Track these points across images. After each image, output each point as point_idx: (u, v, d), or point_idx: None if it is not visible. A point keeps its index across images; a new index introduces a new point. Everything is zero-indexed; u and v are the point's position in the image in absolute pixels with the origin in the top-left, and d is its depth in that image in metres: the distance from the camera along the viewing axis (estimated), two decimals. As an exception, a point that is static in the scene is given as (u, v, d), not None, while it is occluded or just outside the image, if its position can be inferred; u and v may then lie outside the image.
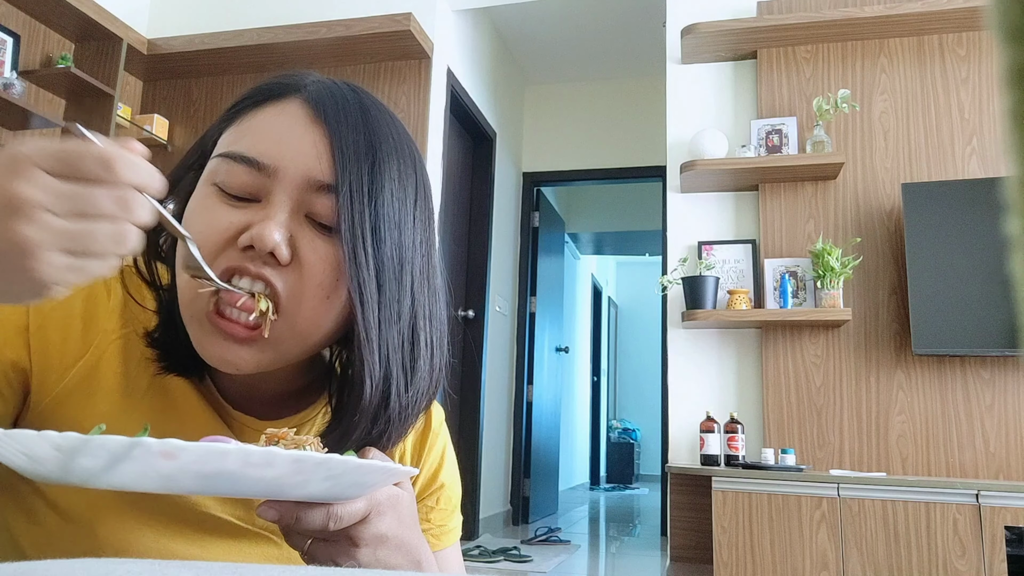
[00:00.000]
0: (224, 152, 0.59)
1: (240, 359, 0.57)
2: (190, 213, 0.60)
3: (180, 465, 0.43)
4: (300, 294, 0.57)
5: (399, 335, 0.60)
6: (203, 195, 0.59)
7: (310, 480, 0.47)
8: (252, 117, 0.60)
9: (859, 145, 3.05)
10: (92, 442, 0.41)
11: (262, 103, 0.61)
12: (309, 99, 0.60)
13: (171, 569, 0.32)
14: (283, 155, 0.57)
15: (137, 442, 0.41)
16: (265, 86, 0.63)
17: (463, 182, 4.34)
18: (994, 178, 2.83)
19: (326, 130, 0.58)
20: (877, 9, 2.97)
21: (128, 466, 0.43)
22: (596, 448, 8.81)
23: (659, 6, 3.85)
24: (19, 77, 3.11)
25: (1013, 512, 2.30)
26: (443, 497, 0.76)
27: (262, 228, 0.55)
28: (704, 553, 2.77)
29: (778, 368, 2.97)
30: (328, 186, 0.57)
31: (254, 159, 0.57)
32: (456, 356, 4.21)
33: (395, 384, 0.60)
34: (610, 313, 9.69)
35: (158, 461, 0.42)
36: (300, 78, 0.63)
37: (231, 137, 0.60)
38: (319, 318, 0.58)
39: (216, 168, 0.59)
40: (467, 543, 3.85)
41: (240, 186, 0.58)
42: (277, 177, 0.57)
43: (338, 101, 0.60)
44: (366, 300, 0.57)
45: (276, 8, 3.68)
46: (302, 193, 0.57)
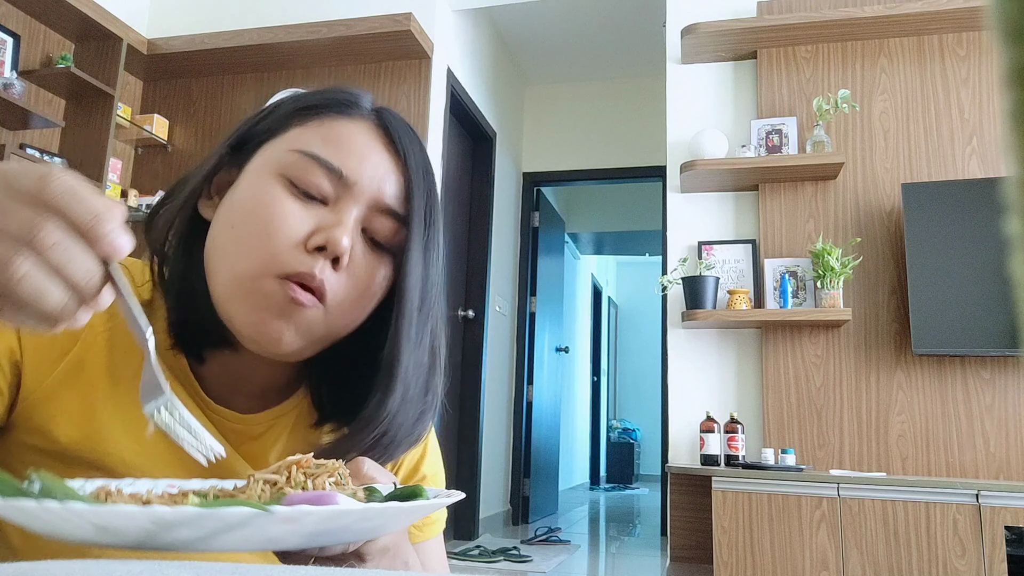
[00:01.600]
0: (308, 152, 0.62)
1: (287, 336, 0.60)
2: (253, 200, 0.61)
3: (296, 528, 0.41)
4: (346, 299, 0.62)
5: (424, 353, 0.65)
6: (268, 184, 0.61)
7: (400, 523, 0.48)
8: (332, 126, 0.64)
9: (859, 145, 3.05)
10: (209, 516, 0.37)
11: (336, 114, 0.65)
12: (383, 125, 0.65)
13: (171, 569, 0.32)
14: (363, 173, 0.62)
15: (265, 513, 0.38)
16: (338, 96, 0.66)
17: (463, 182, 4.34)
18: (994, 178, 2.83)
19: (401, 160, 0.64)
20: (877, 9, 2.97)
21: (237, 534, 0.39)
22: (596, 448, 8.82)
23: (659, 6, 3.85)
24: (19, 77, 3.11)
25: (1013, 512, 2.30)
26: None
27: (338, 233, 0.59)
28: (704, 553, 2.77)
29: (778, 368, 2.97)
30: (391, 210, 0.63)
31: (338, 168, 0.61)
32: (456, 356, 4.22)
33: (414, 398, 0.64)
34: (610, 313, 9.69)
35: (275, 527, 0.40)
36: (365, 97, 0.67)
37: (309, 138, 0.63)
38: (352, 322, 0.64)
39: (292, 162, 0.62)
40: (467, 543, 3.85)
41: (315, 187, 0.61)
42: (353, 191, 0.62)
43: (409, 135, 0.66)
44: (412, 320, 0.63)
45: (276, 8, 3.68)
46: (368, 210, 0.62)
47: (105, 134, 3.30)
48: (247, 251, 0.59)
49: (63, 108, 3.40)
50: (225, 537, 0.40)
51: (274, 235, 0.59)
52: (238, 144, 0.66)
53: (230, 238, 0.61)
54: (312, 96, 0.66)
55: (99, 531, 0.39)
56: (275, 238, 0.59)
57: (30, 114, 3.03)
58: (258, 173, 0.62)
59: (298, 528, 0.41)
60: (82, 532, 0.39)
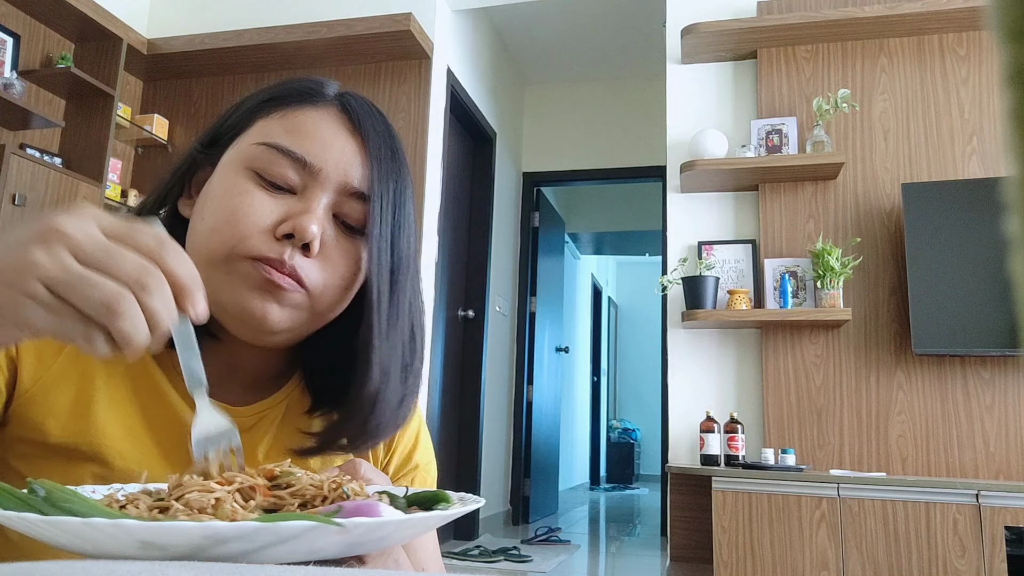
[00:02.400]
0: (271, 143, 0.63)
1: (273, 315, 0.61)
2: (222, 191, 0.63)
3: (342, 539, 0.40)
4: (324, 284, 0.63)
5: (401, 334, 0.66)
6: (237, 177, 0.63)
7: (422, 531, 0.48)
8: (294, 116, 0.65)
9: (859, 145, 3.05)
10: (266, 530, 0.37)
11: (299, 103, 0.66)
12: (347, 110, 0.66)
13: (171, 569, 0.32)
14: (328, 159, 0.63)
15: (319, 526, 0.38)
16: (299, 86, 0.67)
17: (463, 182, 4.34)
18: (994, 178, 2.83)
19: (364, 142, 0.65)
20: (877, 9, 2.97)
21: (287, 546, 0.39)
22: (596, 448, 8.81)
23: (659, 6, 3.85)
24: (19, 77, 3.11)
25: (1013, 512, 2.30)
26: (418, 478, 0.77)
27: (305, 220, 0.60)
28: (704, 553, 2.77)
29: (778, 368, 2.97)
30: (360, 193, 0.64)
31: (302, 157, 0.63)
32: (456, 356, 4.21)
33: (394, 379, 0.65)
34: (610, 313, 9.69)
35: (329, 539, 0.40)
36: (330, 85, 0.69)
37: (273, 130, 0.64)
38: (334, 307, 0.65)
39: (258, 155, 0.63)
40: (467, 543, 3.85)
41: (281, 177, 0.63)
42: (319, 177, 0.63)
43: (372, 117, 0.67)
44: (382, 298, 0.64)
45: (276, 8, 3.68)
46: (336, 195, 0.64)
47: (105, 134, 3.30)
48: (217, 237, 0.61)
49: (63, 108, 3.40)
50: (274, 549, 0.40)
51: (242, 222, 0.61)
52: (211, 142, 0.68)
53: (202, 228, 0.63)
54: (275, 88, 0.68)
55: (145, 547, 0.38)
56: (243, 225, 0.61)
57: (30, 114, 3.03)
58: (227, 168, 0.64)
59: (346, 539, 0.41)
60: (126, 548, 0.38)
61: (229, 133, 0.67)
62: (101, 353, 0.43)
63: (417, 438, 0.78)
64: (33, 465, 0.61)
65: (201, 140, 0.68)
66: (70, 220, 0.42)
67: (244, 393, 0.69)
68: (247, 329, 0.62)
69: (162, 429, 0.64)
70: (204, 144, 0.68)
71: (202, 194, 0.65)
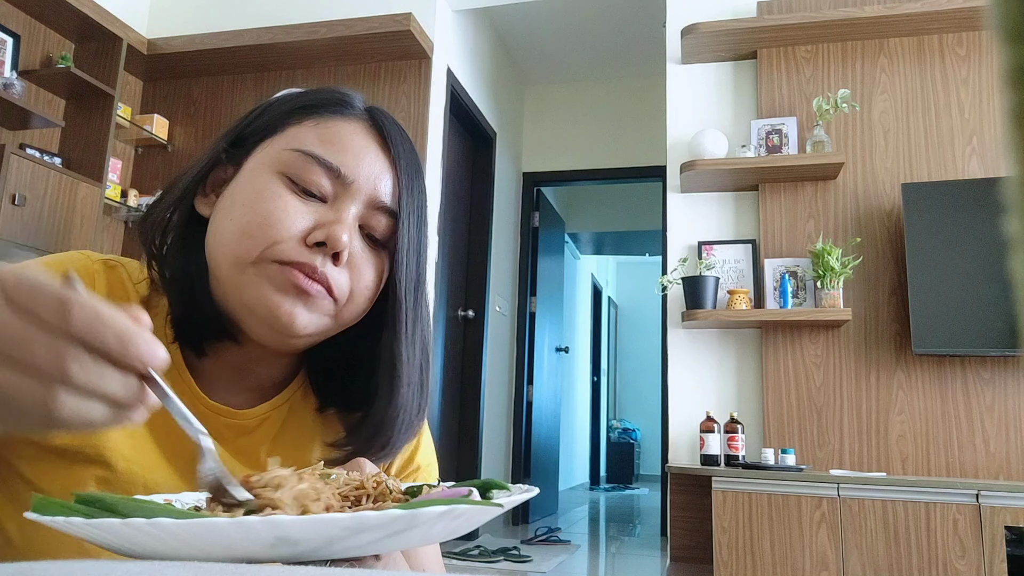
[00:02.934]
0: (307, 150, 0.64)
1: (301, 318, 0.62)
2: (254, 193, 0.63)
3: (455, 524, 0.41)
4: (350, 292, 0.64)
5: (421, 346, 0.68)
6: (269, 180, 0.63)
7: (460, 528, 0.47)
8: (327, 125, 0.66)
9: (859, 145, 3.05)
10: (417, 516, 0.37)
11: (331, 113, 0.66)
12: (377, 125, 0.68)
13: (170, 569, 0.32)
14: (360, 172, 0.64)
15: (451, 510, 0.38)
16: (329, 96, 0.68)
17: (463, 182, 4.34)
18: (994, 178, 2.83)
19: (394, 158, 0.67)
20: (877, 9, 2.97)
21: (359, 538, 0.38)
22: (596, 448, 8.81)
23: (659, 6, 3.85)
24: (19, 77, 3.11)
25: (1013, 512, 2.29)
26: (419, 479, 0.77)
27: (339, 230, 0.61)
28: (704, 553, 2.77)
29: (778, 368, 2.97)
30: (386, 207, 0.65)
31: (337, 167, 0.63)
32: (456, 356, 4.21)
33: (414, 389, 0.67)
34: (610, 313, 9.69)
35: (438, 526, 0.40)
36: (357, 97, 0.69)
37: (305, 137, 0.65)
38: (357, 316, 0.67)
39: (291, 161, 0.63)
40: (467, 543, 3.85)
41: (315, 185, 0.63)
42: (351, 189, 0.64)
43: (400, 133, 0.69)
44: (408, 311, 0.66)
45: (276, 8, 3.68)
46: (365, 207, 0.65)
47: (105, 134, 3.30)
48: (248, 240, 0.61)
49: (63, 108, 3.40)
50: (339, 544, 0.38)
51: (275, 226, 0.61)
52: (234, 142, 0.67)
53: (230, 229, 0.62)
54: (307, 96, 0.68)
55: (227, 548, 0.37)
56: (276, 229, 0.61)
57: (30, 114, 3.03)
58: (257, 170, 0.64)
59: (456, 524, 0.41)
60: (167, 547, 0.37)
61: (256, 136, 0.67)
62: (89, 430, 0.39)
63: (419, 440, 0.78)
64: (36, 467, 0.61)
65: (226, 138, 0.68)
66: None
67: (248, 396, 0.70)
68: (272, 332, 0.63)
69: (166, 434, 0.64)
70: (229, 143, 0.68)
71: (228, 194, 0.65)
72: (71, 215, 3.09)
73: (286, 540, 0.36)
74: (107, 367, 0.38)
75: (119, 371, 0.38)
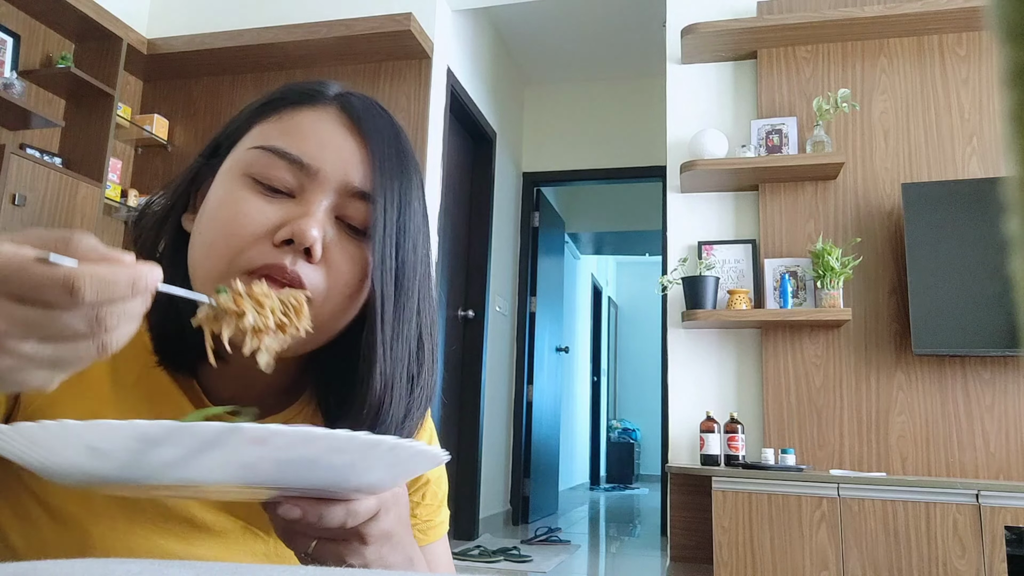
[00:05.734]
0: (266, 146, 0.61)
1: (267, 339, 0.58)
2: (217, 202, 0.61)
3: (266, 452, 0.42)
4: (327, 291, 0.60)
5: (407, 343, 0.63)
6: (233, 184, 0.61)
7: (375, 466, 0.47)
8: (291, 117, 0.63)
9: (859, 145, 3.05)
10: (185, 429, 0.39)
11: (297, 105, 0.63)
12: (346, 109, 0.63)
13: (170, 569, 0.32)
14: (325, 158, 0.61)
15: (235, 428, 0.40)
16: (298, 88, 0.65)
17: (463, 182, 4.34)
18: (994, 178, 2.83)
19: (365, 141, 0.62)
20: (877, 9, 2.97)
21: (212, 455, 0.41)
22: (596, 448, 8.81)
23: (659, 6, 3.85)
24: (19, 77, 3.11)
25: (1013, 512, 2.29)
26: (429, 492, 0.76)
27: (305, 224, 0.57)
28: (704, 553, 2.77)
29: (778, 368, 2.97)
30: (363, 193, 0.61)
31: (298, 158, 0.60)
32: (456, 356, 4.21)
33: (398, 390, 0.62)
34: (610, 313, 9.69)
35: (246, 448, 0.41)
36: (331, 86, 0.66)
37: (270, 132, 0.62)
38: (339, 316, 0.62)
39: (254, 160, 0.61)
40: (467, 543, 3.85)
41: (279, 181, 0.60)
42: (317, 178, 0.60)
43: (374, 115, 0.64)
44: (386, 305, 0.61)
45: (276, 8, 3.68)
46: (338, 196, 0.61)
47: (105, 134, 3.30)
48: (214, 252, 0.59)
49: (63, 108, 3.40)
50: (202, 459, 0.41)
51: (237, 232, 0.58)
52: (212, 153, 0.66)
53: (200, 244, 0.60)
54: (273, 92, 0.65)
55: (91, 453, 0.40)
56: (239, 235, 0.58)
57: (30, 114, 3.03)
58: (224, 176, 0.62)
59: (268, 452, 0.42)
60: (76, 455, 0.41)
61: (228, 141, 0.65)
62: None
63: None
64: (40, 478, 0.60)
65: (203, 152, 0.66)
66: None
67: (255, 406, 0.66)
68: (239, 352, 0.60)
69: None
70: (205, 155, 0.66)
71: (201, 207, 0.62)
72: (71, 215, 3.09)
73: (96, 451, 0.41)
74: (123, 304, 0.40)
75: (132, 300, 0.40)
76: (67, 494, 0.59)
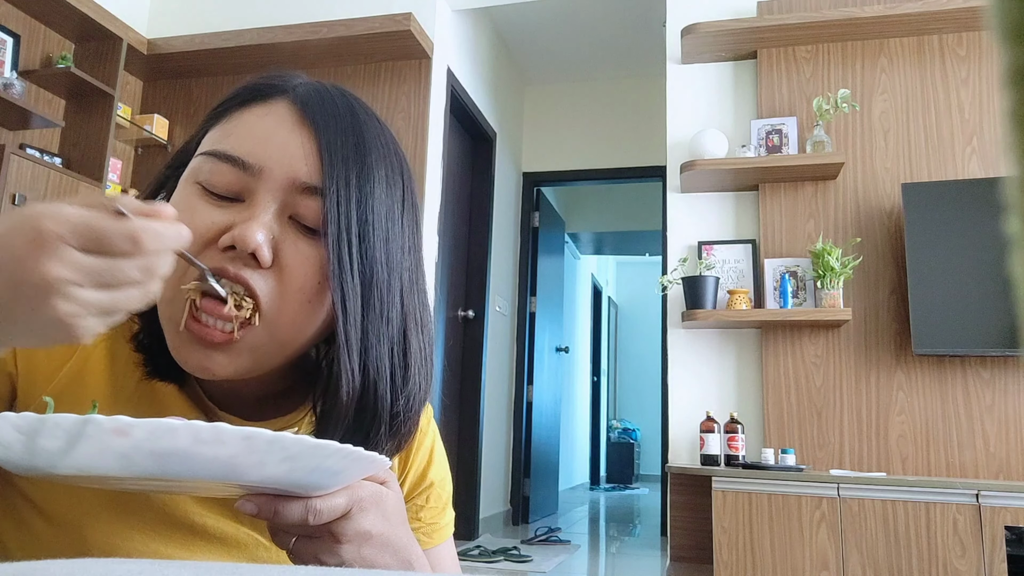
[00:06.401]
0: (208, 150, 0.58)
1: (216, 364, 0.56)
2: None
3: (133, 443, 0.43)
4: (280, 297, 0.56)
5: (389, 342, 0.59)
6: (185, 193, 0.58)
7: (266, 461, 0.45)
8: (238, 117, 0.60)
9: (859, 145, 3.05)
10: (48, 421, 0.42)
11: (248, 103, 0.61)
12: (297, 100, 0.60)
13: (170, 570, 0.32)
14: (269, 155, 0.57)
15: (89, 419, 0.42)
16: (251, 86, 0.62)
17: (463, 182, 4.34)
18: (994, 178, 2.83)
19: (314, 132, 0.58)
20: (877, 9, 2.97)
21: (85, 446, 0.42)
22: (596, 448, 8.81)
23: (659, 6, 3.85)
24: (19, 77, 3.11)
25: (1013, 512, 2.29)
26: (432, 495, 0.74)
27: (244, 228, 0.54)
28: (704, 553, 2.77)
29: (778, 368, 2.96)
30: (314, 188, 0.57)
31: (239, 158, 0.57)
32: (456, 356, 4.21)
33: (383, 391, 0.59)
34: (610, 313, 9.69)
35: (111, 439, 0.42)
36: (287, 79, 0.63)
37: (216, 136, 0.60)
38: (300, 323, 0.58)
39: (199, 166, 0.58)
40: (467, 543, 3.85)
41: (224, 185, 0.57)
42: (262, 177, 0.57)
43: (327, 103, 0.60)
44: (349, 305, 0.56)
45: (276, 8, 3.68)
46: (287, 195, 0.57)
47: (105, 134, 3.30)
48: None
49: (63, 108, 3.40)
50: (79, 450, 0.43)
51: None
52: (181, 163, 0.63)
53: None
54: (230, 92, 0.63)
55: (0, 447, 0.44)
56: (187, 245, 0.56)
57: (30, 114, 3.03)
58: (180, 186, 0.60)
59: (138, 443, 0.43)
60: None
61: (189, 153, 0.62)
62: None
63: (432, 455, 0.75)
64: (38, 485, 0.60)
65: (168, 163, 0.64)
66: (52, 221, 0.41)
67: (252, 409, 0.66)
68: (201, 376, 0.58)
69: None
70: (172, 167, 0.64)
71: None
72: (71, 215, 3.08)
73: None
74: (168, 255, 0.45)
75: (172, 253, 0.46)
76: (63, 499, 0.59)
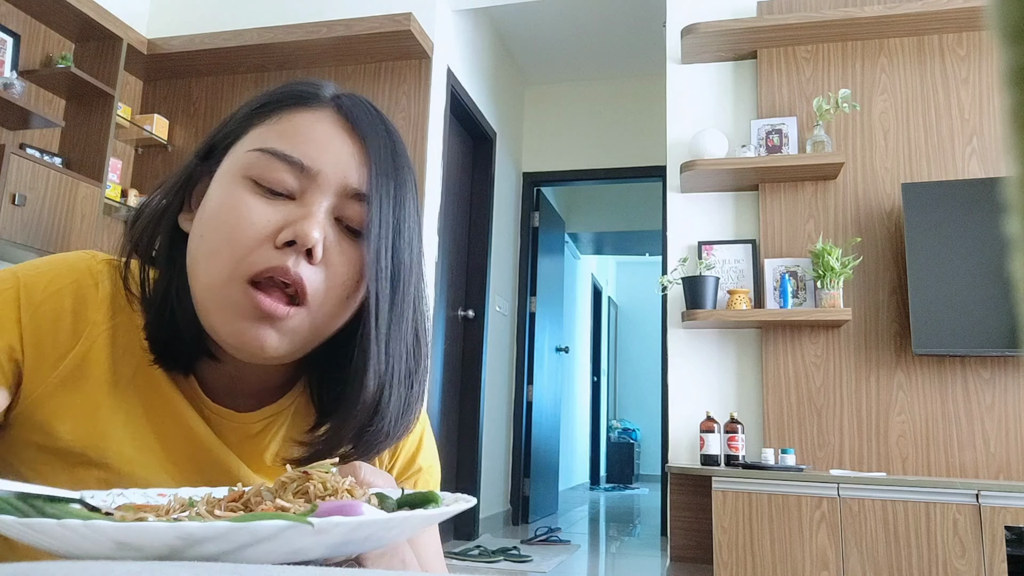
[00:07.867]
0: (265, 148, 0.61)
1: (271, 342, 0.60)
2: (218, 205, 0.61)
3: (321, 540, 0.40)
4: (325, 291, 0.61)
5: (403, 340, 0.64)
6: (233, 187, 0.61)
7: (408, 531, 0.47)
8: (289, 119, 0.63)
9: (859, 145, 3.05)
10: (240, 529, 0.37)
11: (294, 107, 0.64)
12: (343, 111, 0.64)
13: (170, 569, 0.32)
14: (325, 160, 0.61)
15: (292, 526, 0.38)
16: (293, 91, 0.66)
17: (463, 182, 4.34)
18: (994, 178, 2.83)
19: (362, 142, 0.63)
20: (877, 9, 2.97)
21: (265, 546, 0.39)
22: (596, 448, 8.81)
23: (659, 6, 3.85)
24: (19, 77, 3.11)
25: (1013, 512, 2.29)
26: (420, 481, 0.76)
27: (306, 226, 0.58)
28: (704, 553, 2.77)
29: (778, 368, 2.96)
30: (360, 194, 0.62)
31: (298, 160, 0.61)
32: (456, 356, 4.21)
33: (396, 386, 0.63)
34: (610, 313, 9.69)
35: (306, 539, 0.39)
36: (326, 87, 0.67)
37: (266, 135, 0.63)
38: (337, 314, 0.63)
39: (253, 162, 0.61)
40: (467, 543, 3.85)
41: (279, 183, 0.61)
42: (317, 180, 0.61)
43: (368, 115, 0.65)
44: (381, 303, 0.61)
45: (276, 8, 3.68)
46: (337, 198, 0.61)
47: (105, 134, 3.30)
48: (216, 258, 0.59)
49: (63, 108, 3.40)
50: (251, 550, 0.39)
51: (240, 237, 0.59)
52: (207, 154, 0.66)
53: (201, 248, 0.61)
54: (269, 93, 0.66)
55: (120, 547, 0.38)
56: (241, 239, 0.59)
57: (30, 114, 3.03)
58: (223, 179, 0.62)
59: (325, 539, 0.40)
60: (102, 549, 0.38)
61: (224, 143, 0.65)
62: None
63: (421, 441, 0.77)
64: (38, 470, 0.61)
65: (197, 152, 0.67)
66: None
67: (249, 400, 0.69)
68: (242, 355, 0.61)
69: (172, 438, 0.64)
70: (200, 156, 0.66)
71: (200, 209, 0.63)
72: (71, 215, 3.09)
73: (127, 546, 0.37)
74: None
75: None
76: (62, 485, 0.59)
